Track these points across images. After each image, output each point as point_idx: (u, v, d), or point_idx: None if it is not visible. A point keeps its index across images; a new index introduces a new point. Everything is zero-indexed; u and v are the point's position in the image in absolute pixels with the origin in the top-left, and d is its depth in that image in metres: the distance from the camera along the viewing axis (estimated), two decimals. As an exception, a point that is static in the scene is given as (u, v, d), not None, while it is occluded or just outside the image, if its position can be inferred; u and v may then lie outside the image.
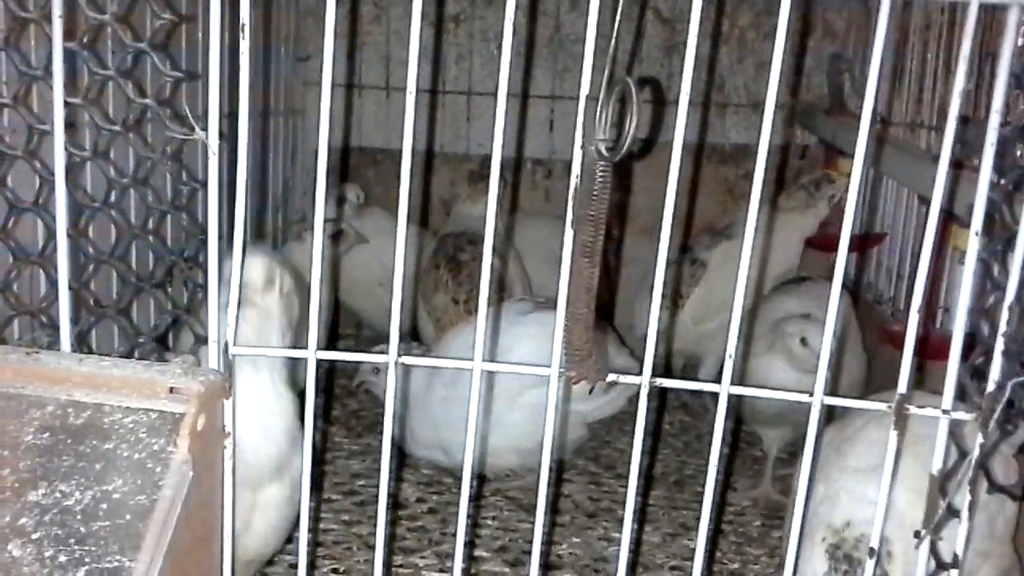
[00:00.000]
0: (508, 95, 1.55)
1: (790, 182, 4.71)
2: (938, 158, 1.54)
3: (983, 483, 1.67)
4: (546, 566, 2.85)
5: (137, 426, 1.54)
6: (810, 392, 1.64)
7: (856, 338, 3.32)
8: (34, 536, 1.43)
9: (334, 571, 2.77)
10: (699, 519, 1.71)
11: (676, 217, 1.56)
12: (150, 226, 1.88)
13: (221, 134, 1.59)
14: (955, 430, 1.65)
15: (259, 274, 1.82)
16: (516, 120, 4.72)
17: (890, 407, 1.63)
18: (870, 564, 1.71)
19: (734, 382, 1.65)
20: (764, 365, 3.11)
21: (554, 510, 3.17)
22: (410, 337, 3.99)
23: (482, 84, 4.88)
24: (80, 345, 1.78)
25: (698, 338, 3.97)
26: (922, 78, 3.66)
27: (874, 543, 1.70)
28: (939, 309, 3.28)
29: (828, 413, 1.87)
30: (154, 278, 1.86)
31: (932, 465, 1.66)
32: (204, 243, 1.69)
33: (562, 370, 1.64)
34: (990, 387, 1.59)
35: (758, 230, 1.59)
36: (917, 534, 1.67)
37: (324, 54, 1.54)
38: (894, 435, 1.63)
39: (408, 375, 3.19)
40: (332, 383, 3.96)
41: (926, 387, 2.27)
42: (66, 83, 1.63)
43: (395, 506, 3.13)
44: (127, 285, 1.80)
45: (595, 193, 1.52)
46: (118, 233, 1.78)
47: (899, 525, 1.78)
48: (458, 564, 1.75)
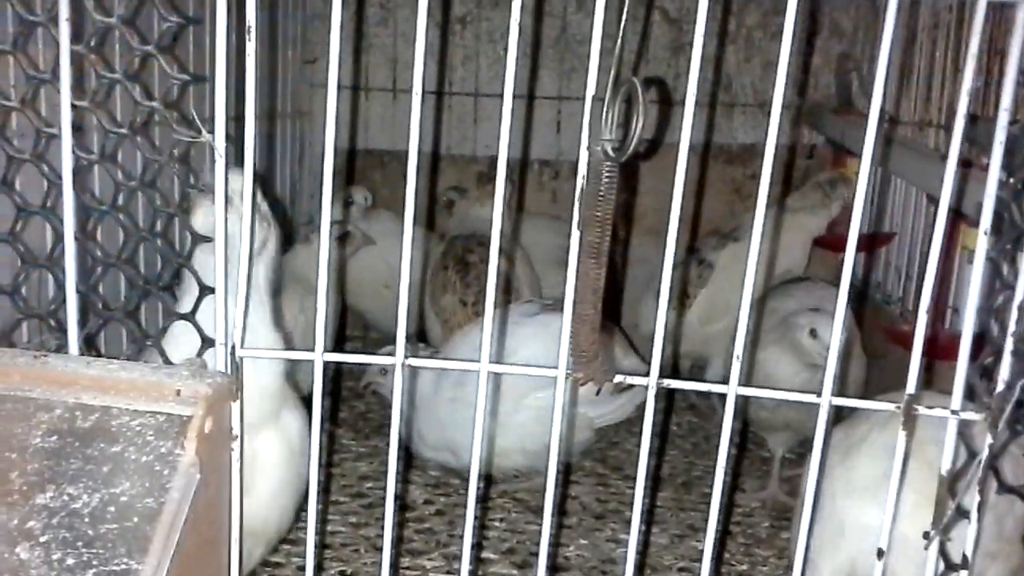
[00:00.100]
0: (514, 96, 1.55)
1: (798, 182, 4.70)
2: (946, 157, 1.53)
3: (992, 483, 1.66)
4: (554, 568, 2.84)
5: (145, 429, 1.54)
6: (818, 392, 1.63)
7: (856, 340, 3.31)
8: (42, 539, 1.43)
9: (341, 573, 2.77)
10: (707, 520, 1.70)
11: (683, 218, 1.55)
12: (158, 229, 1.89)
13: (228, 137, 1.60)
14: (964, 430, 1.64)
15: (239, 183, 1.80)
16: (522, 121, 4.72)
17: (899, 407, 1.62)
18: (879, 565, 1.70)
19: (742, 383, 1.65)
20: (771, 360, 3.09)
21: (561, 512, 3.17)
22: (417, 338, 3.99)
23: (488, 85, 4.89)
24: (88, 348, 1.78)
25: (705, 339, 3.97)
26: (930, 77, 3.66)
27: (882, 544, 1.69)
28: (948, 309, 3.27)
29: (836, 415, 1.86)
30: (162, 281, 1.87)
31: (933, 487, 1.65)
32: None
33: (569, 371, 1.64)
34: (999, 387, 1.58)
35: (766, 232, 1.59)
36: (926, 535, 1.66)
37: (330, 56, 1.54)
38: (903, 436, 1.62)
39: (416, 377, 3.19)
40: (339, 385, 3.96)
41: (935, 388, 2.26)
42: (73, 86, 1.63)
43: (402, 508, 3.13)
44: (135, 288, 1.81)
45: (602, 194, 1.52)
46: (126, 236, 1.78)
47: (903, 550, 1.77)
48: (465, 566, 1.75)
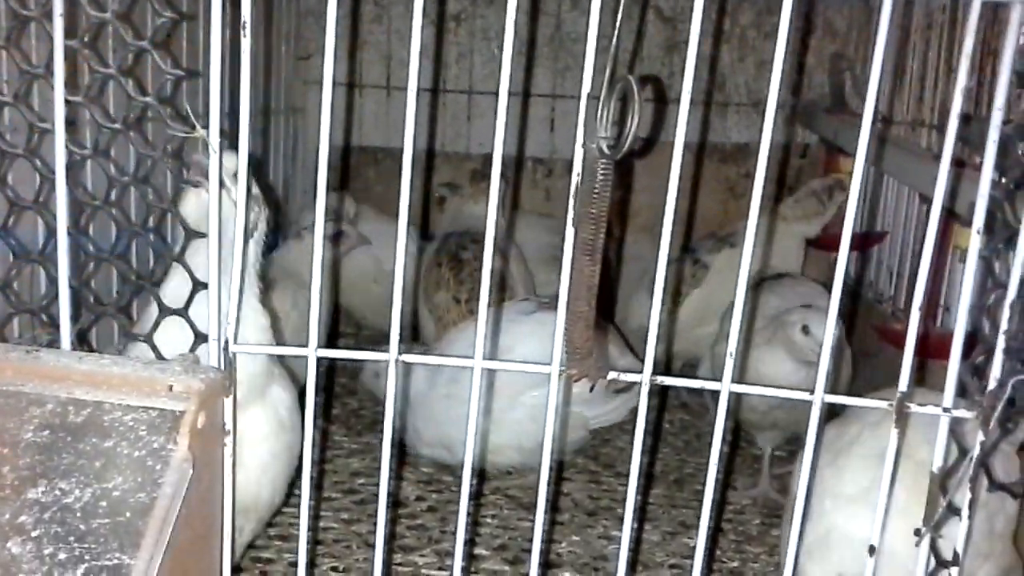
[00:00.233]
0: (509, 94, 1.55)
1: (792, 181, 4.71)
2: (939, 157, 1.54)
3: (984, 481, 1.67)
4: (546, 564, 2.84)
5: (137, 424, 1.54)
6: (811, 390, 1.64)
7: (843, 337, 3.31)
8: (34, 534, 1.43)
9: (334, 569, 2.77)
10: (699, 517, 1.71)
11: (677, 216, 1.55)
12: (150, 224, 1.88)
13: (222, 132, 1.59)
14: (956, 428, 1.64)
15: (232, 163, 1.80)
16: (517, 119, 4.72)
17: (891, 405, 1.63)
18: (870, 562, 1.71)
19: (734, 381, 1.65)
20: (764, 359, 3.09)
21: (554, 508, 3.17)
22: (411, 336, 3.99)
23: (483, 83, 4.88)
24: (80, 343, 1.78)
25: (696, 340, 3.97)
26: (923, 77, 3.66)
27: (874, 541, 1.70)
28: (940, 308, 3.28)
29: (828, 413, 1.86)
30: (154, 276, 1.86)
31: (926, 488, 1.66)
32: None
33: (562, 368, 1.64)
34: (991, 385, 1.59)
35: (760, 235, 1.59)
36: (917, 532, 1.67)
37: (325, 53, 1.54)
38: (895, 434, 1.63)
39: (410, 375, 3.19)
40: (332, 381, 3.96)
41: (926, 386, 2.27)
42: (67, 81, 1.63)
43: (395, 504, 3.13)
44: (127, 283, 1.80)
45: (596, 191, 1.52)
46: (118, 231, 1.77)
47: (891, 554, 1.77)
48: (458, 562, 1.75)
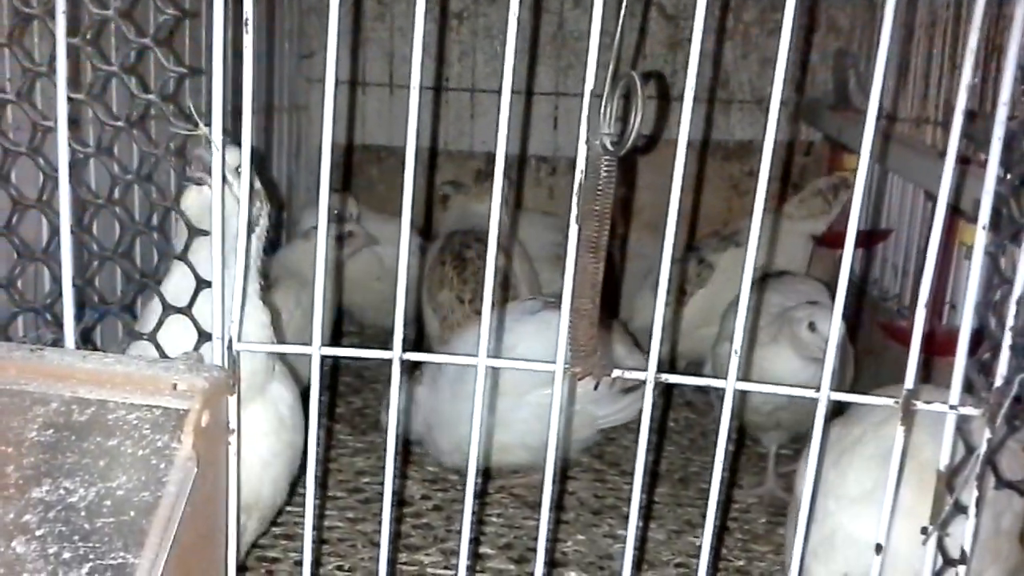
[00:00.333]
0: (512, 92, 1.55)
1: (796, 179, 4.70)
2: (944, 153, 1.53)
3: (990, 479, 1.66)
4: (551, 563, 2.84)
5: (141, 422, 1.54)
6: (816, 387, 1.63)
7: (846, 336, 3.30)
8: (38, 533, 1.43)
9: (339, 568, 2.76)
10: (704, 516, 1.70)
11: (681, 213, 1.55)
12: (154, 222, 1.88)
13: (225, 130, 1.59)
14: (962, 425, 1.64)
15: (235, 158, 1.80)
16: (520, 117, 4.72)
17: (897, 402, 1.62)
18: (876, 561, 1.70)
19: (739, 378, 1.64)
20: (770, 357, 3.08)
21: (559, 507, 3.17)
22: (416, 335, 3.99)
23: (486, 81, 4.88)
24: (84, 342, 1.78)
25: (701, 340, 3.96)
26: (928, 73, 3.65)
27: (881, 540, 1.69)
28: (945, 305, 3.28)
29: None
30: (158, 274, 1.86)
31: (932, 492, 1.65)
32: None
33: (567, 366, 1.64)
34: (997, 382, 1.59)
35: (766, 234, 1.59)
36: (924, 531, 1.66)
37: (328, 51, 1.53)
38: (901, 431, 1.62)
39: (434, 394, 3.21)
40: (336, 380, 3.96)
41: (932, 384, 2.26)
42: (70, 79, 1.62)
43: (400, 503, 3.13)
44: (131, 281, 1.80)
45: (600, 188, 1.51)
46: (122, 229, 1.77)
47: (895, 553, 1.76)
48: (463, 561, 1.75)
